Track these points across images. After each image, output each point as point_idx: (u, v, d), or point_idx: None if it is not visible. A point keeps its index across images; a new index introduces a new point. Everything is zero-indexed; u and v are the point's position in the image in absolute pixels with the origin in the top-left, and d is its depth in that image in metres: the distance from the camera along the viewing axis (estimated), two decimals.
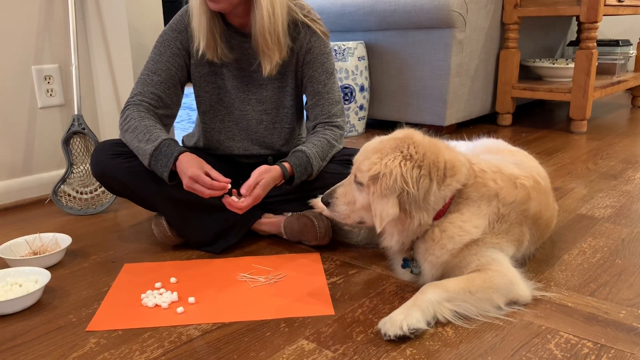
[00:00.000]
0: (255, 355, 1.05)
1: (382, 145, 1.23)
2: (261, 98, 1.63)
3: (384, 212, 1.17)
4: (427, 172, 1.18)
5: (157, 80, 1.54)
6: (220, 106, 1.64)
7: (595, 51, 2.92)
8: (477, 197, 1.24)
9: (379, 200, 1.18)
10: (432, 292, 1.15)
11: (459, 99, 3.04)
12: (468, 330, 1.11)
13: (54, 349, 1.10)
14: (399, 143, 1.22)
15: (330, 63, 1.62)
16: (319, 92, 1.60)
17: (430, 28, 2.92)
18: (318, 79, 1.60)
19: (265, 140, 1.68)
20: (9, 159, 2.06)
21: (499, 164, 1.32)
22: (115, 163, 1.51)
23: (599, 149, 2.65)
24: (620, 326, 1.12)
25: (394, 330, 1.07)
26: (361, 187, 1.25)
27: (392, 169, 1.17)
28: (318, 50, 1.58)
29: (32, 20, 2.05)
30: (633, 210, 1.79)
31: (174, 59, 1.55)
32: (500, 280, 1.18)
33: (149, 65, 1.56)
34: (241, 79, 1.60)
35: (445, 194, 1.21)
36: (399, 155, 1.19)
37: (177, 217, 1.54)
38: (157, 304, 1.25)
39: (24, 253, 1.52)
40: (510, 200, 1.25)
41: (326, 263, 1.46)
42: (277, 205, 1.61)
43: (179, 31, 1.55)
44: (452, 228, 1.22)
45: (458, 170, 1.22)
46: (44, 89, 2.11)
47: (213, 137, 1.68)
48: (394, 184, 1.16)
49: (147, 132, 1.44)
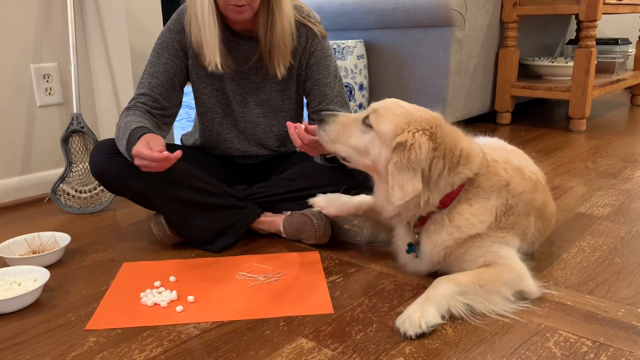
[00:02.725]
0: (255, 353, 1.05)
1: (412, 111, 1.20)
2: (259, 101, 1.62)
3: (410, 186, 1.15)
4: (442, 156, 1.18)
5: (155, 84, 1.54)
6: (219, 108, 1.63)
7: (595, 50, 2.92)
8: (488, 187, 1.24)
9: (403, 173, 1.15)
10: (445, 286, 1.16)
11: (458, 97, 3.04)
12: (467, 329, 1.11)
13: (53, 347, 1.10)
14: (429, 119, 1.19)
15: (333, 66, 1.62)
16: (326, 95, 1.60)
17: (429, 27, 2.92)
18: (324, 81, 1.60)
19: (263, 142, 1.68)
20: (8, 158, 2.05)
21: (506, 155, 1.34)
22: (114, 162, 1.51)
23: (598, 148, 2.65)
24: (619, 324, 1.12)
25: (414, 330, 1.07)
26: (367, 130, 1.23)
27: (422, 142, 1.15)
28: (321, 52, 1.58)
29: (31, 19, 2.05)
30: (632, 209, 1.79)
31: (172, 61, 1.55)
32: (509, 273, 1.19)
33: (148, 69, 1.56)
34: (239, 82, 1.60)
35: (454, 180, 1.21)
36: (427, 131, 1.17)
37: (176, 216, 1.53)
38: (156, 303, 1.25)
39: (23, 252, 1.52)
40: (520, 190, 1.27)
41: (325, 262, 1.46)
42: (276, 204, 1.61)
43: (176, 32, 1.54)
44: (460, 219, 1.23)
45: (472, 160, 1.23)
46: (42, 88, 2.10)
47: (211, 138, 1.68)
48: (424, 157, 1.15)
49: (126, 128, 1.42)
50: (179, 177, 1.51)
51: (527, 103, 3.97)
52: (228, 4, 1.40)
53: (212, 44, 1.46)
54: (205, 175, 1.57)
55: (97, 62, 2.24)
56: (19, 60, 2.04)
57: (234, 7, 1.40)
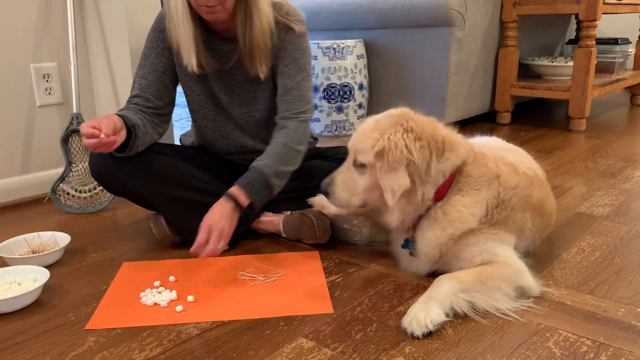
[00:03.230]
0: (255, 353, 1.05)
1: (379, 123, 1.25)
2: (243, 100, 1.61)
3: (396, 184, 1.19)
4: (426, 144, 1.21)
5: (145, 84, 1.54)
6: (209, 105, 1.63)
7: (594, 49, 2.92)
8: (477, 176, 1.26)
9: (388, 175, 1.19)
10: (447, 284, 1.16)
11: (458, 97, 3.04)
12: (467, 329, 1.11)
13: (53, 347, 1.10)
14: (397, 119, 1.24)
15: (304, 59, 1.55)
16: (287, 88, 1.54)
17: (429, 26, 2.92)
18: (288, 73, 1.54)
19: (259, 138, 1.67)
20: (7, 157, 2.05)
21: (499, 152, 1.35)
22: (113, 162, 1.51)
23: (598, 147, 2.65)
24: (619, 324, 1.12)
25: (421, 329, 1.08)
26: (362, 170, 1.26)
27: (396, 141, 1.19)
28: (292, 46, 1.53)
29: (31, 19, 2.05)
30: (632, 209, 1.79)
31: (159, 59, 1.55)
32: (508, 270, 1.20)
33: (138, 71, 1.56)
34: (223, 81, 1.59)
35: (445, 167, 1.23)
36: (399, 128, 1.21)
37: (175, 216, 1.54)
38: (156, 303, 1.25)
39: (22, 252, 1.52)
40: (513, 185, 1.27)
41: (325, 261, 1.46)
42: (276, 203, 1.61)
43: (159, 31, 1.54)
44: (454, 212, 1.24)
45: (456, 146, 1.25)
46: (42, 88, 2.10)
47: (207, 135, 1.68)
48: (401, 155, 1.18)
49: None
50: (177, 176, 1.51)
51: (527, 103, 3.97)
52: (199, 4, 1.39)
53: (187, 45, 1.45)
54: (204, 175, 1.57)
55: (97, 62, 2.24)
56: (19, 60, 2.04)
57: (205, 7, 1.38)
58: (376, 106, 3.25)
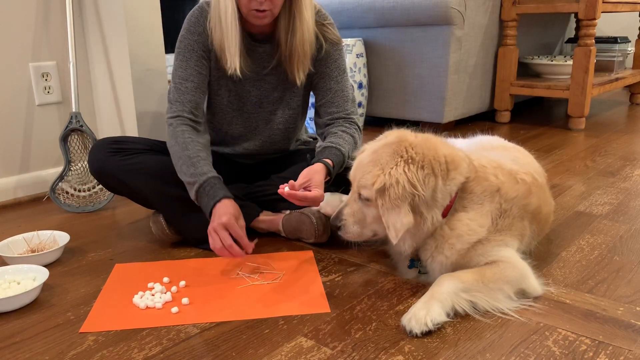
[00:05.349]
0: (254, 352, 1.05)
1: (378, 155, 1.21)
2: (271, 99, 1.62)
3: (398, 222, 1.15)
4: (430, 170, 1.17)
5: (191, 87, 1.52)
6: (230, 109, 1.63)
7: (594, 48, 2.92)
8: (480, 192, 1.24)
9: (390, 212, 1.16)
10: (449, 284, 1.16)
11: (458, 96, 3.04)
12: (466, 328, 1.11)
13: (52, 346, 1.10)
14: (395, 148, 1.19)
15: (342, 61, 1.62)
16: (333, 90, 1.60)
17: (428, 25, 2.92)
18: (330, 75, 1.59)
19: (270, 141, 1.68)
20: (6, 156, 2.05)
21: (497, 159, 1.33)
22: (113, 161, 1.51)
23: (597, 146, 2.65)
24: (618, 323, 1.12)
25: (420, 327, 1.07)
26: (368, 203, 1.23)
27: (398, 177, 1.14)
28: (330, 47, 1.58)
29: (30, 17, 2.05)
30: (631, 207, 1.79)
31: (201, 62, 1.53)
32: (511, 272, 1.19)
33: (179, 73, 1.53)
34: (257, 84, 1.60)
35: (451, 188, 1.21)
36: (400, 161, 1.16)
37: (175, 215, 1.53)
38: (149, 306, 1.23)
39: (22, 251, 1.52)
40: (513, 196, 1.26)
41: (324, 261, 1.46)
42: (275, 202, 1.61)
43: (198, 34, 1.53)
44: (461, 226, 1.22)
45: (459, 164, 1.22)
46: (41, 86, 2.10)
47: (217, 137, 1.68)
48: (404, 191, 1.14)
49: (191, 164, 1.42)
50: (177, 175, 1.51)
51: (526, 101, 3.97)
52: (250, 9, 1.40)
53: (234, 48, 1.46)
54: None
55: (96, 61, 2.24)
56: (18, 58, 2.04)
57: (255, 12, 1.40)
58: (375, 105, 3.25)
